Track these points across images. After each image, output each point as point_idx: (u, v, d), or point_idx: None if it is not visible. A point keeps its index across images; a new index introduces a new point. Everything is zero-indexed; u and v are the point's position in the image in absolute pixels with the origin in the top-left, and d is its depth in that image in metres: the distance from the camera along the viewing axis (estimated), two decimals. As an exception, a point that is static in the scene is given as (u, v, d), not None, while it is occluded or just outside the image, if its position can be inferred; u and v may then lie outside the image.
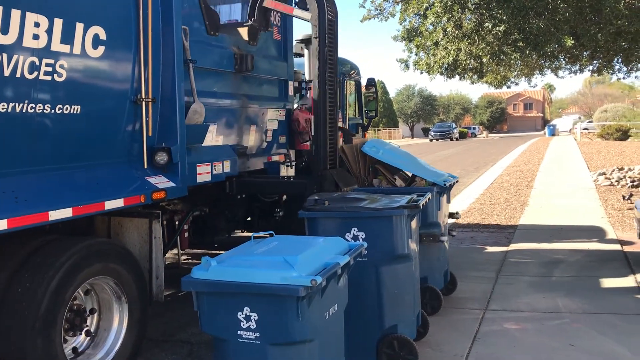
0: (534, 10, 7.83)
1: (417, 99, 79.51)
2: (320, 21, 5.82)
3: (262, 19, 5.97)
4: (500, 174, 19.36)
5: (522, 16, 7.76)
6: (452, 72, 10.30)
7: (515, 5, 7.58)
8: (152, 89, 4.49)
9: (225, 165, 5.77)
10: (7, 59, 3.33)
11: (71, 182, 3.90)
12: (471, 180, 18.10)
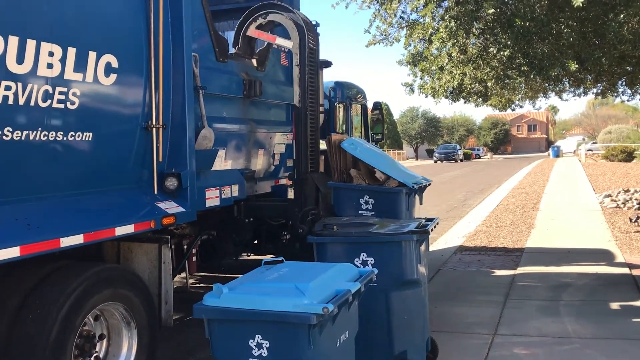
0: (538, 35, 7.89)
1: (421, 120, 79.78)
2: (302, 49, 5.99)
3: (247, 47, 6.09)
4: (505, 195, 19.34)
5: (526, 41, 7.82)
6: (457, 95, 10.36)
7: (520, 30, 7.64)
8: (163, 115, 4.55)
9: (234, 189, 5.81)
10: (22, 87, 3.38)
11: (82, 208, 3.93)
12: (477, 203, 18.09)
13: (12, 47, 3.30)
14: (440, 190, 23.58)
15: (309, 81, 6.03)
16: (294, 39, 6.01)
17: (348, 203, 5.73)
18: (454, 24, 7.84)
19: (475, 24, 8.19)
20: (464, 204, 18.19)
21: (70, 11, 3.75)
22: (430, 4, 7.87)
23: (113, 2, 4.16)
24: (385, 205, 5.63)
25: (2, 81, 3.25)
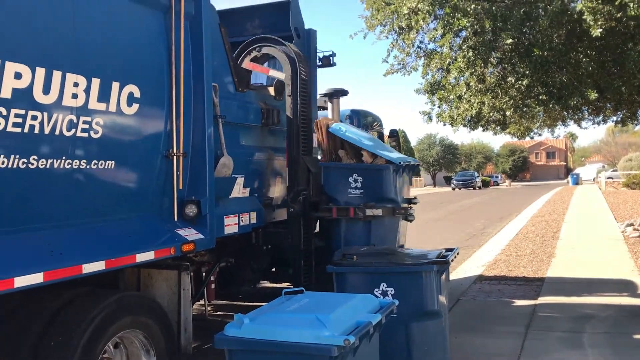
0: (556, 64, 7.91)
1: (439, 147, 79.62)
2: (293, 81, 6.16)
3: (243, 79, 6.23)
4: (525, 224, 19.12)
5: (544, 71, 7.84)
6: (475, 124, 10.36)
7: (538, 60, 7.67)
8: (183, 144, 4.60)
9: (252, 216, 5.84)
10: (47, 117, 3.46)
11: (104, 234, 3.97)
12: (496, 231, 17.91)
13: (39, 78, 3.39)
14: (459, 218, 23.41)
15: (301, 111, 6.17)
16: (286, 71, 6.24)
17: (337, 182, 5.96)
18: (472, 54, 7.89)
19: (493, 53, 8.23)
20: (483, 232, 18.02)
21: (95, 43, 3.85)
22: (448, 34, 7.93)
23: (136, 34, 4.25)
24: (374, 183, 5.86)
25: (28, 111, 3.33)
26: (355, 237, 6.02)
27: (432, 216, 24.16)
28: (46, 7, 3.50)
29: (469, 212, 26.84)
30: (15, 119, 3.25)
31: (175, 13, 4.44)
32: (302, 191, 5.94)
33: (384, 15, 9.15)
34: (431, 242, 15.35)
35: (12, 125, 3.24)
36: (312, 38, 7.50)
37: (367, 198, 5.89)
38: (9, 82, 3.21)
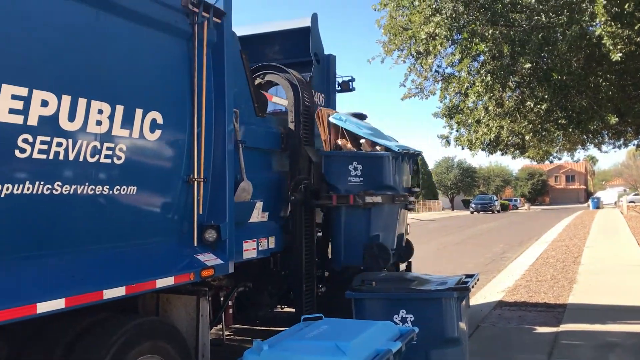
0: (575, 89, 7.88)
1: (457, 170, 79.24)
2: (296, 108, 6.18)
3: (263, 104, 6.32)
4: (545, 248, 18.87)
5: (563, 95, 7.82)
6: (494, 148, 10.34)
7: (557, 84, 7.66)
8: (204, 169, 4.64)
9: (270, 241, 5.86)
10: (72, 144, 3.52)
11: (125, 260, 4.00)
12: (516, 255, 17.69)
13: (65, 105, 3.46)
14: (477, 242, 23.18)
15: (304, 137, 6.20)
16: (289, 98, 6.31)
17: (338, 170, 6.02)
18: (490, 78, 7.90)
19: (512, 77, 8.23)
20: (502, 256, 17.81)
21: (120, 70, 3.92)
22: (466, 58, 7.96)
23: (160, 61, 4.33)
24: (373, 170, 5.92)
25: (54, 138, 3.40)
26: (356, 225, 6.06)
27: (450, 240, 23.96)
28: (73, 36, 3.58)
29: (487, 236, 26.57)
30: (40, 146, 3.32)
31: (198, 40, 4.52)
32: (304, 180, 6.01)
33: (402, 40, 9.23)
34: (450, 266, 15.21)
35: (38, 152, 3.30)
36: (332, 63, 7.59)
37: (367, 186, 5.95)
38: (36, 110, 3.28)
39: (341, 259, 6.23)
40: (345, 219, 6.12)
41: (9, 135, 3.16)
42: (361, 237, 6.02)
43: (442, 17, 7.94)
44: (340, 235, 6.16)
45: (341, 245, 6.18)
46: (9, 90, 3.13)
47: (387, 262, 6.01)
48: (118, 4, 3.86)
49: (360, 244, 5.97)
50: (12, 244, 3.28)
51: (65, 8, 3.52)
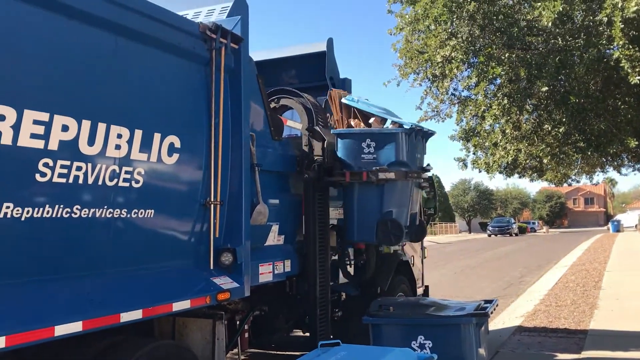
0: (593, 112, 7.83)
1: (474, 193, 78.67)
2: (310, 130, 6.17)
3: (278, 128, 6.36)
4: (564, 272, 18.58)
5: (581, 118, 7.77)
6: (511, 170, 10.26)
7: (574, 107, 7.62)
8: (221, 192, 4.66)
9: (286, 264, 5.85)
10: (91, 168, 3.57)
11: (142, 283, 4.01)
12: (534, 279, 17.45)
13: (85, 130, 3.51)
14: (495, 265, 22.91)
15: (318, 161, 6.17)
16: (303, 121, 6.38)
17: (351, 148, 6.04)
18: (507, 101, 7.88)
19: (529, 100, 8.20)
20: (520, 280, 17.57)
21: (139, 95, 3.98)
22: (483, 82, 7.96)
23: (178, 86, 4.39)
24: (386, 147, 5.93)
25: (74, 162, 3.44)
26: (369, 202, 6.10)
27: (468, 263, 23.71)
28: (93, 62, 3.65)
29: (505, 259, 26.26)
30: (60, 170, 3.36)
31: (216, 66, 4.58)
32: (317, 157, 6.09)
33: (418, 63, 9.26)
34: (467, 290, 15.03)
35: (58, 176, 3.35)
36: (347, 87, 7.63)
37: (380, 163, 6.00)
38: (56, 135, 3.34)
39: (354, 235, 6.28)
40: (359, 195, 6.17)
41: (30, 159, 3.21)
42: (374, 214, 6.06)
43: (458, 41, 7.97)
44: (353, 211, 6.21)
45: (354, 222, 6.23)
46: (30, 115, 3.19)
47: (399, 239, 6.05)
48: (137, 31, 3.93)
49: (374, 220, 6.02)
50: (31, 266, 3.31)
51: (86, 35, 3.59)
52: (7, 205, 3.11)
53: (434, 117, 9.92)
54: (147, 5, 4.08)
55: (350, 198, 6.29)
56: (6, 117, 3.07)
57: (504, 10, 8.05)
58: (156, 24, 4.10)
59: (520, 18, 8.03)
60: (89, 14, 3.57)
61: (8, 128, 3.08)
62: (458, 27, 7.98)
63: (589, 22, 7.19)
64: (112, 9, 3.72)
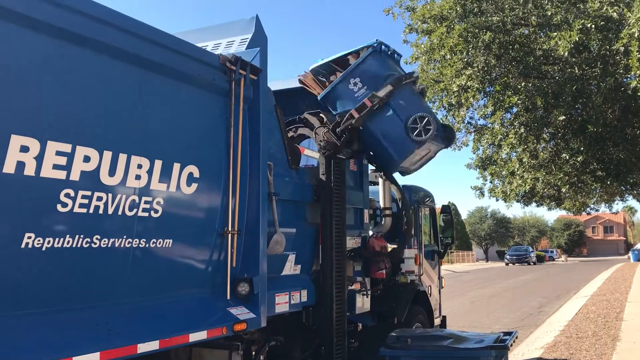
0: (612, 141, 7.78)
1: (491, 221, 77.92)
2: (327, 161, 6.17)
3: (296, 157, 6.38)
4: (584, 303, 18.23)
5: (600, 147, 7.72)
6: (529, 199, 10.19)
7: (592, 136, 7.58)
8: (238, 221, 4.67)
9: (303, 294, 5.81)
10: (111, 198, 3.60)
11: (158, 312, 4.01)
12: (554, 310, 17.13)
13: (106, 160, 3.56)
14: (513, 295, 22.56)
15: (335, 189, 6.18)
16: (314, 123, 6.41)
17: (344, 97, 6.22)
18: (524, 130, 7.86)
19: (546, 129, 8.18)
20: (540, 311, 17.26)
21: (159, 126, 4.03)
22: (499, 111, 7.97)
23: (198, 117, 4.45)
24: (370, 73, 6.15)
25: (94, 192, 3.48)
26: (388, 125, 6.16)
27: (485, 292, 23.38)
28: (115, 94, 3.72)
29: (524, 289, 25.86)
30: (81, 200, 3.40)
31: (235, 97, 4.63)
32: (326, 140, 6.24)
33: (433, 92, 9.30)
34: (485, 320, 14.79)
35: (79, 206, 3.39)
36: (364, 115, 7.66)
37: (374, 88, 6.08)
38: (78, 166, 3.38)
39: (395, 157, 6.31)
40: (375, 126, 6.21)
41: (52, 190, 3.26)
42: (399, 129, 6.11)
43: (474, 70, 8.00)
44: (382, 142, 6.23)
45: (388, 148, 6.27)
46: (53, 146, 3.25)
47: (432, 130, 6.01)
48: (159, 63, 4.00)
49: (402, 132, 6.06)
50: (50, 296, 3.33)
51: (109, 68, 3.66)
52: (28, 236, 3.15)
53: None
54: (169, 38, 4.16)
55: (372, 134, 6.28)
56: (30, 148, 3.13)
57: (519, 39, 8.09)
58: (177, 56, 4.17)
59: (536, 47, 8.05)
60: (112, 47, 3.65)
61: (31, 159, 3.14)
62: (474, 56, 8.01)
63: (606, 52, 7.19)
64: (135, 42, 3.80)
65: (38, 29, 3.21)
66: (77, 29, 3.42)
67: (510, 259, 58.89)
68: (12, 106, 3.11)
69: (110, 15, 3.67)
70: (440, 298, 9.57)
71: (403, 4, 9.05)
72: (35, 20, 3.18)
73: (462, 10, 7.70)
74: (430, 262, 9.28)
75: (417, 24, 8.71)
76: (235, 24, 5.55)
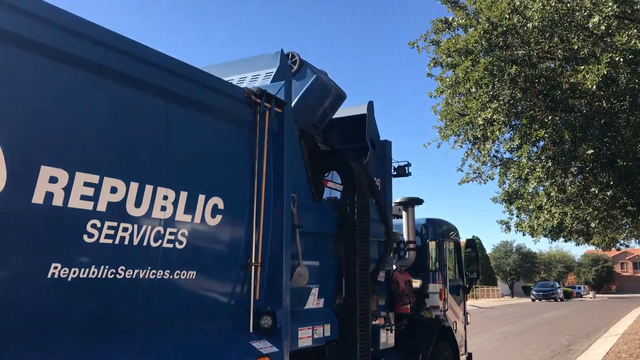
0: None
1: (516, 255, 76.59)
2: (350, 193, 6.09)
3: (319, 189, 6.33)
4: (615, 342, 17.67)
5: (630, 181, 7.56)
6: (557, 234, 9.98)
7: (622, 170, 7.43)
8: (262, 254, 4.64)
9: (326, 329, 5.73)
10: (137, 229, 3.61)
11: (181, 345, 3.97)
12: (583, 349, 16.62)
13: (132, 192, 3.58)
14: (540, 332, 21.99)
15: (359, 221, 6.12)
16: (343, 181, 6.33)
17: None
18: (551, 164, 7.75)
19: (573, 163, 8.05)
20: (568, 349, 16.77)
21: (185, 158, 4.06)
22: (526, 144, 7.88)
23: (223, 149, 4.48)
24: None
25: (120, 223, 3.50)
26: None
27: (512, 329, 22.83)
28: (143, 126, 3.77)
29: (551, 326, 25.20)
30: (108, 231, 3.42)
31: (260, 129, 4.66)
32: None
33: (458, 125, 9.26)
34: (512, 358, 14.42)
35: (105, 237, 3.40)
36: (387, 148, 7.65)
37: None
38: (105, 197, 3.41)
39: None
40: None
41: (79, 220, 3.28)
42: None
43: (499, 103, 7.96)
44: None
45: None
46: (82, 177, 3.28)
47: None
48: (186, 96, 4.05)
49: None
50: (75, 327, 3.32)
51: (137, 101, 3.72)
52: (54, 266, 3.16)
53: (476, 178, 9.82)
54: (195, 72, 4.23)
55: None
56: (59, 179, 3.16)
57: (545, 73, 8.04)
58: (204, 89, 4.23)
59: (563, 81, 8.00)
60: (141, 81, 3.71)
61: (60, 190, 3.17)
62: (499, 89, 7.98)
63: (635, 85, 7.10)
64: (163, 75, 3.87)
65: (67, 61, 3.27)
66: (107, 62, 3.48)
67: (536, 295, 57.68)
68: (42, 137, 3.16)
69: (140, 50, 3.74)
70: (465, 334, 9.37)
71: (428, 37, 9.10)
72: (65, 54, 3.25)
73: (488, 44, 7.70)
74: (455, 298, 9.12)
75: (442, 57, 8.73)
76: (261, 58, 5.63)
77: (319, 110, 6.26)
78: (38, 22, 3.11)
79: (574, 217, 8.65)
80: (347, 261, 6.06)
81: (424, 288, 8.33)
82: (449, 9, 9.24)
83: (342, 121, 7.45)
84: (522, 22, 7.64)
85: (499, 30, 7.76)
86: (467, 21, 8.57)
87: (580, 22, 7.31)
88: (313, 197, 5.74)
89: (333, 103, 6.41)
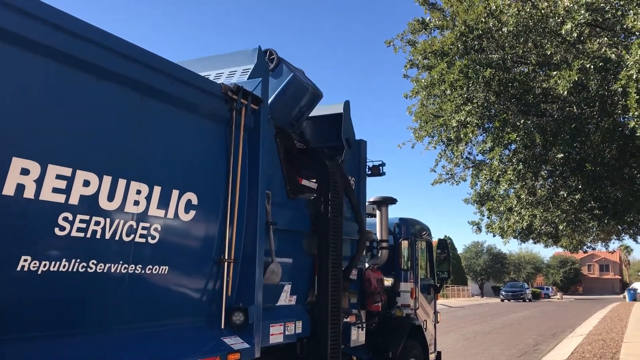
0: (609, 180, 7.81)
1: (487, 256, 77.56)
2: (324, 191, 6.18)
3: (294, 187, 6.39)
4: (580, 342, 18.04)
5: (597, 185, 7.74)
6: (526, 236, 10.17)
7: (590, 174, 7.60)
8: (235, 250, 4.64)
9: (297, 325, 5.75)
10: (109, 223, 3.59)
11: (152, 340, 3.96)
12: (549, 348, 16.94)
13: (105, 185, 3.56)
14: (509, 332, 22.34)
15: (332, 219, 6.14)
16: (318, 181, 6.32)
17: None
18: (522, 167, 7.88)
19: (544, 166, 8.21)
20: (535, 349, 17.08)
21: (159, 153, 4.04)
22: (498, 147, 8.00)
23: (198, 144, 4.46)
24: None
25: (93, 217, 3.47)
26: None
27: (481, 329, 23.15)
28: (117, 119, 3.74)
29: (519, 326, 25.60)
30: (79, 225, 3.39)
31: (236, 125, 4.66)
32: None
33: (433, 127, 9.35)
34: (480, 357, 14.63)
35: (76, 230, 3.37)
36: (362, 148, 7.70)
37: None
38: (78, 190, 3.38)
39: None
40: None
41: (50, 213, 3.24)
42: None
43: (473, 106, 8.07)
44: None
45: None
46: (54, 170, 3.25)
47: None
48: (161, 90, 4.03)
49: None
50: (45, 321, 3.29)
51: (112, 94, 3.69)
52: (24, 259, 3.12)
53: (448, 179, 9.94)
54: (171, 66, 4.21)
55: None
56: (30, 171, 3.13)
57: (519, 77, 8.18)
58: (180, 84, 4.21)
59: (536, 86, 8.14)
60: (116, 74, 3.68)
61: (31, 182, 3.13)
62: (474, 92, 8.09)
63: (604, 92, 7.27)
64: (139, 69, 3.84)
65: (41, 52, 3.23)
66: (81, 54, 3.45)
67: (505, 295, 58.50)
68: (14, 129, 3.11)
69: (115, 43, 3.71)
70: (435, 333, 9.48)
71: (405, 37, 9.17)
72: (39, 44, 3.21)
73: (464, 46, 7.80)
74: (426, 296, 9.22)
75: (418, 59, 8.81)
76: (238, 55, 5.62)
77: (296, 108, 6.27)
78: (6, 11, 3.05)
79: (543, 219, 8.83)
80: (320, 259, 6.10)
81: (396, 286, 8.41)
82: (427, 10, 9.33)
83: (319, 119, 7.47)
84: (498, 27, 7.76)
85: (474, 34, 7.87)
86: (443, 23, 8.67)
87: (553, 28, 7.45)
88: (288, 195, 5.75)
89: (309, 101, 6.42)
